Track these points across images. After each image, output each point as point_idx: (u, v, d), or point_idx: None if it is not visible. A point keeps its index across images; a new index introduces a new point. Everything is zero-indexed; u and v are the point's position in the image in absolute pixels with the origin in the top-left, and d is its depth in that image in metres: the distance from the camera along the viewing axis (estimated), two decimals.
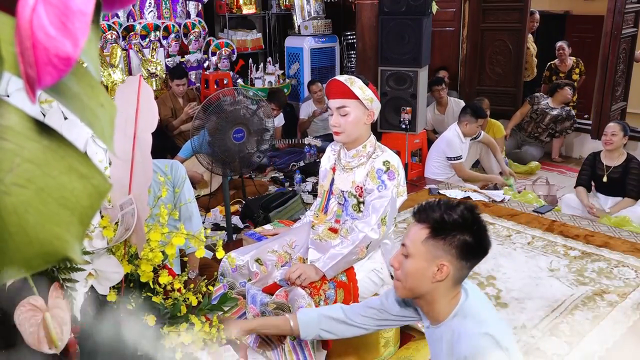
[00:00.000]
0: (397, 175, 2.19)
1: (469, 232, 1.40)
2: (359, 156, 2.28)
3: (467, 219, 1.40)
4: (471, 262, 1.45)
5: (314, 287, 2.04)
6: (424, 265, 1.42)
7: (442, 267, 1.41)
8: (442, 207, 1.43)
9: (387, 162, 2.21)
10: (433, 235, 1.42)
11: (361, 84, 2.22)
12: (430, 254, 1.42)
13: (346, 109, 2.21)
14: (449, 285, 1.44)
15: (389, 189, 2.16)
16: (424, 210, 1.46)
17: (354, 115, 2.21)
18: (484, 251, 1.45)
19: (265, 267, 2.32)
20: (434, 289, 1.44)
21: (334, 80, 2.27)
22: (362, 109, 2.22)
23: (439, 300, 1.46)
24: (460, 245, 1.40)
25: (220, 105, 3.08)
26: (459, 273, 1.44)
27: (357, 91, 2.19)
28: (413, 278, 1.45)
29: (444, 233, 1.41)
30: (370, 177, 2.21)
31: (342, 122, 2.22)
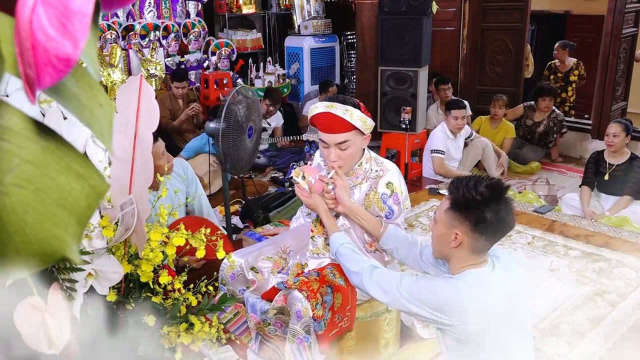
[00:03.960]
0: (401, 195, 2.13)
1: (487, 209, 1.53)
2: (355, 175, 2.17)
3: (486, 196, 1.53)
4: (488, 236, 1.57)
5: (311, 290, 2.00)
6: (444, 232, 1.61)
7: (457, 235, 1.57)
8: (469, 183, 1.56)
9: (390, 183, 2.11)
10: (452, 206, 1.59)
11: (359, 114, 2.03)
12: (449, 223, 1.59)
13: (347, 142, 2.04)
14: (466, 252, 1.60)
15: (397, 216, 2.11)
16: (454, 184, 1.61)
17: (354, 147, 2.08)
18: (502, 228, 1.58)
19: (262, 274, 2.27)
20: (453, 253, 1.62)
21: (327, 114, 2.02)
22: (360, 137, 2.08)
23: (457, 263, 1.63)
24: (476, 220, 1.54)
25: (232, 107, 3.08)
26: (475, 243, 1.58)
27: (357, 124, 2.02)
28: (436, 241, 1.67)
29: (461, 206, 1.56)
30: (375, 202, 2.12)
31: (342, 156, 2.07)
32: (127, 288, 1.56)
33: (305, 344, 2.00)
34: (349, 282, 2.16)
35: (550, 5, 7.65)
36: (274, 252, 2.35)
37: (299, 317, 1.99)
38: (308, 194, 2.07)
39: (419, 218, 4.00)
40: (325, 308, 2.03)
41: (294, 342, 2.01)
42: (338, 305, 2.08)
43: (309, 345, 2.01)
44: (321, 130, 2.07)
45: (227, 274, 2.28)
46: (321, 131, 2.07)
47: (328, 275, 2.13)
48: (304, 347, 2.00)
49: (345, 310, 2.12)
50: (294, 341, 2.01)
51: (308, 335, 2.00)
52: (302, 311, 1.98)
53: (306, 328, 1.99)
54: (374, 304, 2.26)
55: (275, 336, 2.19)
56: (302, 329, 1.99)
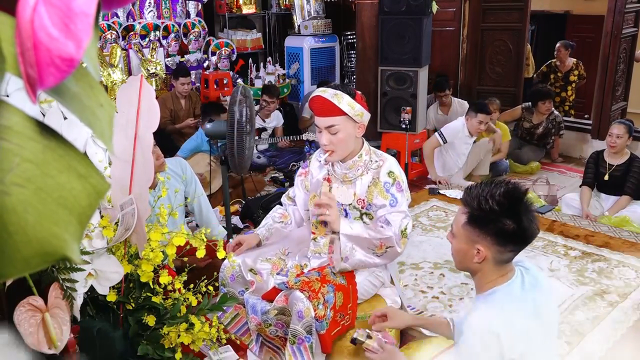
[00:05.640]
0: (403, 184, 2.16)
1: (507, 219, 1.41)
2: (356, 167, 2.19)
3: (504, 205, 1.41)
4: (513, 246, 1.46)
5: (313, 290, 2.01)
6: (465, 247, 1.50)
7: (479, 251, 1.46)
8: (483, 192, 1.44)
9: (392, 172, 2.15)
10: (470, 221, 1.47)
11: (349, 99, 2.07)
12: (469, 238, 1.48)
13: (336, 127, 2.08)
14: (491, 266, 1.48)
15: (401, 204, 2.12)
16: (468, 194, 1.49)
17: (345, 132, 2.10)
18: (526, 236, 1.45)
19: (260, 275, 2.25)
20: (478, 268, 1.50)
21: (318, 97, 2.10)
22: (351, 124, 2.10)
23: (483, 278, 1.52)
24: (497, 232, 1.42)
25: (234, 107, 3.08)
26: (500, 256, 1.46)
27: (345, 108, 2.06)
28: (458, 256, 1.55)
29: (480, 220, 1.44)
30: (378, 191, 2.13)
31: (332, 141, 2.10)
32: (127, 288, 1.56)
33: (307, 344, 2.00)
34: (349, 281, 2.17)
35: (550, 5, 7.65)
36: (272, 253, 2.34)
37: (301, 318, 1.99)
38: (380, 350, 1.81)
39: (419, 218, 4.00)
40: (327, 307, 2.03)
41: (295, 342, 2.01)
42: (340, 304, 2.09)
43: (310, 346, 2.01)
44: (315, 113, 2.14)
45: (227, 275, 2.27)
46: (315, 115, 2.14)
47: (329, 274, 2.13)
48: (305, 348, 2.00)
49: (347, 309, 2.12)
50: (295, 341, 2.01)
51: (309, 336, 2.00)
52: (303, 311, 1.98)
53: (308, 328, 1.99)
54: (374, 304, 2.26)
55: (276, 337, 2.19)
56: (304, 329, 1.99)
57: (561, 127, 5.35)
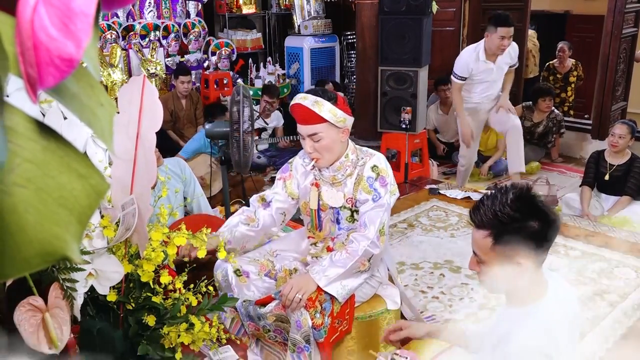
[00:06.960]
0: (388, 177, 2.10)
1: (532, 220, 1.36)
2: (343, 168, 2.15)
3: (523, 209, 1.36)
4: (546, 243, 1.40)
5: (310, 299, 1.98)
6: (501, 270, 1.41)
7: (520, 264, 1.38)
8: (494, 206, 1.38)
9: (376, 167, 2.10)
10: (497, 240, 1.38)
11: (330, 106, 2.02)
12: (504, 257, 1.39)
13: (319, 134, 2.04)
14: (531, 273, 1.41)
15: (383, 197, 2.07)
16: (478, 214, 1.41)
17: (328, 139, 2.06)
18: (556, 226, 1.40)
19: (245, 276, 2.20)
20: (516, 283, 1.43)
21: (298, 105, 2.05)
22: (334, 130, 2.06)
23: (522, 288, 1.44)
24: (530, 236, 1.36)
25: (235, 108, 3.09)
26: (538, 259, 1.41)
27: (326, 115, 2.01)
28: (495, 282, 1.45)
29: (508, 233, 1.37)
30: (362, 187, 2.10)
31: (317, 148, 2.07)
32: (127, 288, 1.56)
33: (306, 353, 2.00)
34: None
35: (550, 5, 7.65)
36: (259, 254, 2.28)
37: (299, 327, 1.98)
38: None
39: (419, 218, 4.00)
40: (325, 315, 2.01)
41: (295, 350, 2.01)
42: (337, 310, 2.07)
43: (309, 354, 2.00)
44: (297, 121, 2.10)
45: (218, 279, 2.23)
46: (297, 122, 2.10)
47: None
48: (305, 357, 2.00)
49: (345, 314, 2.11)
50: (295, 350, 2.01)
51: (308, 345, 1.99)
52: (301, 321, 1.97)
53: (306, 337, 1.99)
54: (373, 304, 2.26)
55: (275, 342, 2.19)
56: (302, 338, 1.99)
57: (562, 126, 5.35)
